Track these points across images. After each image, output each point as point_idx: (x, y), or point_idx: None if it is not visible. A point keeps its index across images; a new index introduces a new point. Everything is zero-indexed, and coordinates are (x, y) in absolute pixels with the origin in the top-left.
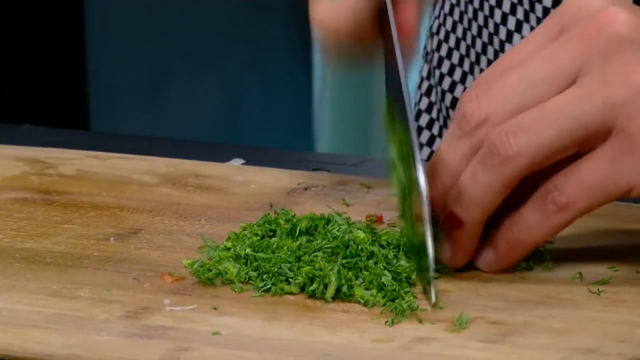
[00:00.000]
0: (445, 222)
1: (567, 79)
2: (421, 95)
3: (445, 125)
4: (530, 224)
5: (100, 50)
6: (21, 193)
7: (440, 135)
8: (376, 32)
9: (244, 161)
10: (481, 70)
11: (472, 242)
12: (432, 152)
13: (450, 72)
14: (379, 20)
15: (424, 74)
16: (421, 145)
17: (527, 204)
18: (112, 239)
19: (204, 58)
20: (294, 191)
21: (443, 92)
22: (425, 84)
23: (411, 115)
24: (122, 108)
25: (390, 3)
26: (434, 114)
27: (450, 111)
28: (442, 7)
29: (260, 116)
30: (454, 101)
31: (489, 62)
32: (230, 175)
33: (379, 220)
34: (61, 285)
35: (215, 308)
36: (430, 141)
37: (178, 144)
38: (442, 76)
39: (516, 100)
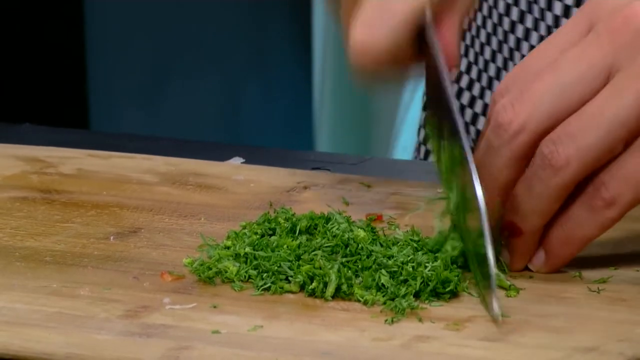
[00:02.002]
0: (503, 230)
1: (600, 77)
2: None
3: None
4: (580, 221)
5: (100, 50)
6: (21, 192)
7: None
8: (415, 54)
9: (244, 160)
10: (489, 78)
11: (531, 247)
12: None
13: (457, 79)
14: (419, 41)
15: None
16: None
17: (576, 202)
18: (112, 237)
19: (204, 58)
20: (293, 190)
21: (462, 107)
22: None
23: (464, 134)
24: (122, 108)
25: (431, 23)
26: None
27: (474, 127)
28: None
29: (260, 116)
30: (462, 107)
31: (498, 70)
32: (230, 174)
33: (379, 219)
34: (61, 284)
35: (215, 307)
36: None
37: (178, 143)
38: (460, 91)
39: (552, 104)
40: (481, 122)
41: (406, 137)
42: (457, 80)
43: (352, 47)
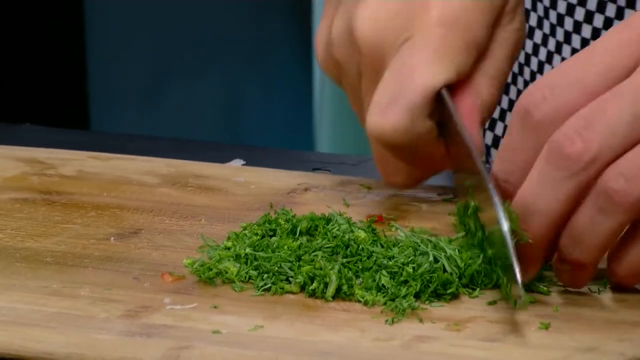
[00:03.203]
0: (564, 264)
1: None
2: None
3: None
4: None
5: (100, 50)
6: (21, 193)
7: None
8: (434, 137)
9: (244, 162)
10: (518, 91)
11: (592, 275)
12: None
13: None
14: (438, 123)
15: None
16: None
17: (634, 242)
18: (112, 238)
19: (204, 58)
20: (294, 191)
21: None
22: None
23: (495, 193)
24: (122, 108)
25: (450, 100)
26: None
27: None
28: None
29: (260, 116)
30: (492, 121)
31: (526, 83)
32: (230, 175)
33: (380, 220)
34: (61, 285)
35: (215, 307)
36: None
37: (178, 144)
38: None
39: (624, 134)
40: (508, 117)
41: None
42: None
43: (368, 134)
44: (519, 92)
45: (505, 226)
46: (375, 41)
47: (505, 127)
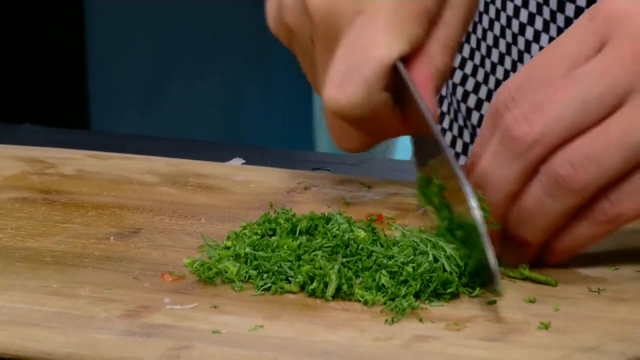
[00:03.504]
0: (509, 240)
1: (619, 97)
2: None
3: (460, 135)
4: (581, 233)
5: (100, 50)
6: (21, 192)
7: (452, 142)
8: (391, 108)
9: (244, 161)
10: (497, 81)
11: (534, 254)
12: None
13: (463, 82)
14: (394, 94)
15: None
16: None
17: (580, 216)
18: (112, 238)
19: (204, 58)
20: (294, 190)
21: (457, 102)
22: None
23: (458, 169)
24: (122, 108)
25: (405, 71)
26: (446, 124)
27: (469, 122)
28: None
29: (260, 116)
30: (469, 111)
31: (506, 73)
32: (230, 174)
33: (379, 219)
34: (61, 284)
35: (215, 307)
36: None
37: (178, 143)
38: (454, 86)
39: (569, 120)
40: (485, 108)
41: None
42: (461, 66)
43: (325, 108)
44: (498, 82)
45: (478, 216)
46: (328, 11)
47: (481, 116)
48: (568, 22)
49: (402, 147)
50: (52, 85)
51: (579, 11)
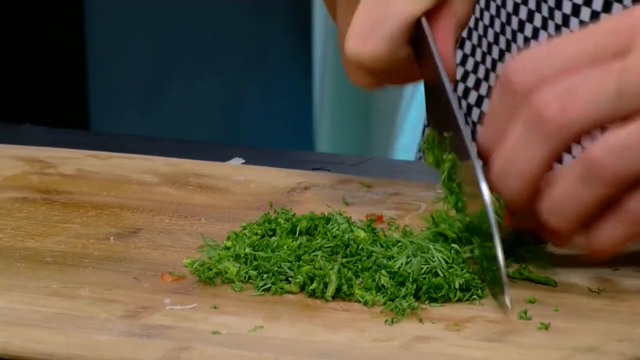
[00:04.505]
0: (539, 229)
1: None
2: None
3: None
4: (611, 231)
5: (100, 50)
6: (21, 192)
7: None
8: (411, 63)
9: (244, 160)
10: (493, 60)
11: (571, 239)
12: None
13: (464, 78)
14: (415, 50)
15: None
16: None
17: (609, 218)
18: (112, 238)
19: (204, 58)
20: (294, 191)
21: (458, 98)
22: None
23: (469, 142)
24: (122, 108)
25: (429, 30)
26: None
27: (470, 118)
28: None
29: (260, 116)
30: (469, 107)
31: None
32: (230, 174)
33: (379, 219)
34: (61, 285)
35: (215, 307)
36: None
37: (178, 144)
38: (455, 83)
39: (604, 107)
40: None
41: (406, 137)
42: (462, 63)
43: (347, 58)
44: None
45: (492, 218)
46: None
47: (481, 113)
48: (565, 19)
49: (402, 147)
50: (52, 85)
51: (575, 9)
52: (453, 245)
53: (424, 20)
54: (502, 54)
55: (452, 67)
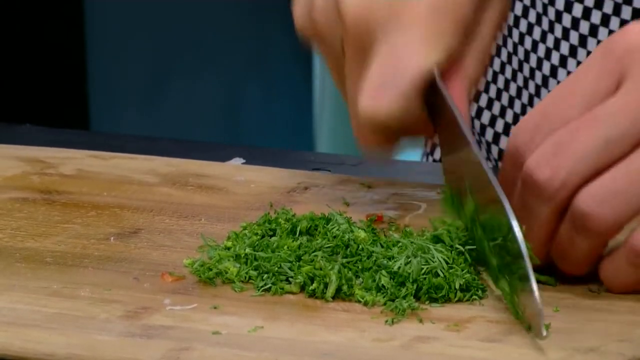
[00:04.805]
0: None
1: None
2: None
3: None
4: (620, 267)
5: (100, 50)
6: (21, 193)
7: None
8: (425, 120)
9: (244, 161)
10: (522, 106)
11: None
12: None
13: (489, 105)
14: (428, 104)
15: None
16: None
17: (615, 256)
18: (112, 238)
19: (204, 58)
20: (294, 191)
21: (483, 126)
22: None
23: (501, 193)
24: (122, 108)
25: (440, 80)
26: None
27: (494, 147)
28: None
29: (260, 116)
30: (496, 135)
31: (530, 97)
32: (230, 174)
33: (379, 219)
34: (61, 285)
35: (215, 307)
36: None
37: (178, 144)
38: (480, 109)
39: (593, 160)
40: (503, 142)
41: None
42: (476, 99)
43: (360, 116)
44: (519, 88)
45: (524, 250)
46: (362, 18)
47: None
48: (582, 39)
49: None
50: (52, 85)
51: (594, 29)
52: (458, 247)
53: (436, 74)
54: (519, 91)
55: (468, 124)
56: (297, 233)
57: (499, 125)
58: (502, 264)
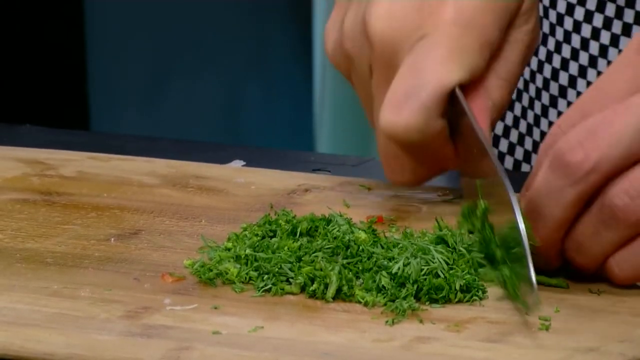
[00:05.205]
0: (566, 264)
1: None
2: None
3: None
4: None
5: (100, 50)
6: (22, 194)
7: None
8: (445, 136)
9: (245, 163)
10: (530, 99)
11: (597, 270)
12: None
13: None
14: (449, 122)
15: None
16: None
17: (633, 248)
18: (112, 239)
19: (204, 58)
20: (294, 192)
21: (497, 137)
22: None
23: (510, 190)
24: (122, 108)
25: (462, 96)
26: None
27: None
28: None
29: (261, 117)
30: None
31: (537, 90)
32: (230, 176)
33: (380, 220)
34: (62, 285)
35: (215, 308)
36: None
37: (178, 144)
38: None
39: (626, 148)
40: (524, 167)
41: None
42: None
43: (381, 131)
44: (531, 99)
45: (522, 226)
46: (389, 37)
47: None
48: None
49: None
50: (52, 85)
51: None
52: (460, 249)
53: (458, 92)
54: (545, 109)
55: (489, 144)
56: (298, 234)
57: (513, 135)
58: (505, 253)
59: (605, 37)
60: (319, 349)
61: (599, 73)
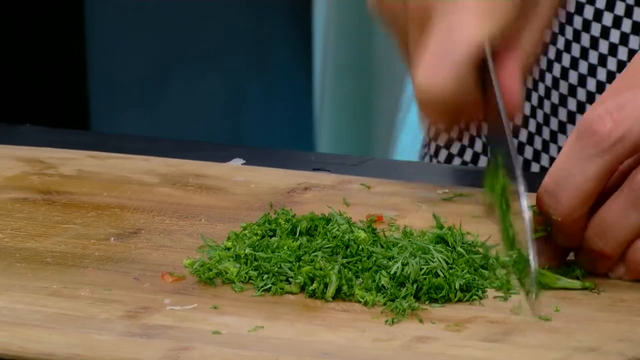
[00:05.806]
0: (586, 252)
1: None
2: None
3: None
4: None
5: (100, 50)
6: (22, 193)
7: None
8: (478, 95)
9: (244, 161)
10: (539, 98)
11: (614, 264)
12: None
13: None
14: (481, 79)
15: None
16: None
17: None
18: (112, 238)
19: (204, 58)
20: (294, 191)
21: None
22: None
23: (520, 177)
24: (122, 108)
25: (491, 61)
26: None
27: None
28: None
29: (261, 116)
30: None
31: (546, 89)
32: (230, 175)
33: (379, 220)
34: (61, 285)
35: (215, 307)
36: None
37: (178, 144)
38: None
39: None
40: (544, 159)
41: (407, 138)
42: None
43: (416, 88)
44: (540, 98)
45: (526, 214)
46: None
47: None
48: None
49: (402, 148)
50: (52, 85)
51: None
52: (459, 249)
53: (487, 51)
54: (554, 108)
55: (516, 102)
56: (297, 233)
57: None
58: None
59: (614, 35)
60: (318, 348)
61: (608, 72)
